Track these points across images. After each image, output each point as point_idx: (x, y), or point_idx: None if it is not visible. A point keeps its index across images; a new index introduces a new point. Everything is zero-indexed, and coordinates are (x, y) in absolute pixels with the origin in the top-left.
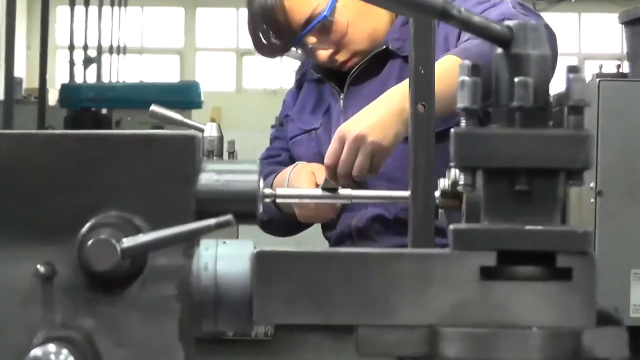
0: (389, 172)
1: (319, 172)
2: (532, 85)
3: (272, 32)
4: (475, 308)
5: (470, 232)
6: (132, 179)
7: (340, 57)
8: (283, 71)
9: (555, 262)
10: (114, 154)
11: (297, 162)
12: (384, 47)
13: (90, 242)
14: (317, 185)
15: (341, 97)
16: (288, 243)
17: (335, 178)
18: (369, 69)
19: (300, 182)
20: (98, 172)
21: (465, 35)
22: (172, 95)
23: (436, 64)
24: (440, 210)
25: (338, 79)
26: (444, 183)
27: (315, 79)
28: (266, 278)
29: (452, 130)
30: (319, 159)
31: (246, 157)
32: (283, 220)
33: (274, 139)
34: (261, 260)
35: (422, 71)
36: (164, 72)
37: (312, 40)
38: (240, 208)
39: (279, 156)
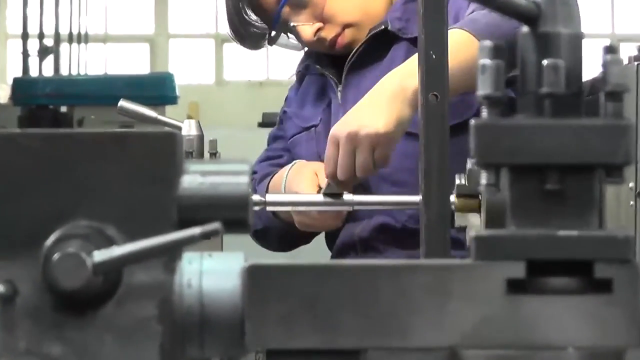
0: (393, 173)
1: (322, 173)
2: (564, 68)
3: (252, 12)
4: (501, 326)
5: (494, 240)
6: (104, 183)
7: (328, 33)
8: (270, 60)
9: (593, 272)
10: (82, 156)
11: (295, 161)
12: (383, 27)
13: (56, 256)
14: (320, 189)
15: (339, 88)
16: (281, 254)
17: (340, 185)
18: (369, 55)
19: (301, 185)
20: (64, 176)
21: (471, 7)
22: (142, 90)
23: None
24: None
25: (337, 69)
26: (459, 180)
27: (317, 72)
28: (260, 296)
29: (471, 121)
30: (319, 159)
31: (230, 158)
32: (280, 229)
33: (273, 138)
34: (254, 275)
35: (434, 56)
36: (132, 62)
37: (291, 16)
38: (229, 215)
39: (280, 157)
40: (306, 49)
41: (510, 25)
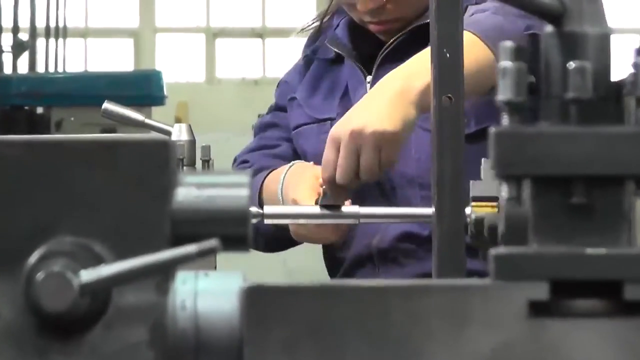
0: (421, 176)
1: None
2: (591, 71)
3: None
4: (522, 353)
5: (515, 258)
6: (91, 195)
7: (389, 13)
8: (266, 56)
9: (623, 293)
10: (68, 165)
11: (294, 162)
12: (427, 20)
13: (39, 275)
14: (319, 195)
15: (368, 80)
16: (279, 269)
17: (337, 193)
18: (404, 47)
19: (300, 191)
20: (48, 187)
21: (470, 10)
22: (126, 89)
23: None
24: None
25: (363, 59)
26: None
27: (330, 58)
28: (260, 319)
29: (491, 129)
30: None
31: (225, 166)
32: (270, 231)
33: (266, 126)
34: (253, 296)
35: (448, 54)
36: (115, 59)
37: None
38: (227, 231)
39: (276, 147)
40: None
41: (515, 28)
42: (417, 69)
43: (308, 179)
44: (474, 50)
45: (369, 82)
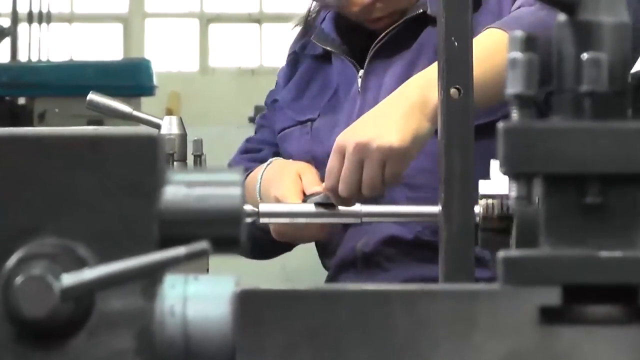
0: (408, 175)
1: (308, 175)
2: (606, 62)
3: None
4: None
5: (525, 261)
6: (74, 194)
7: (381, 10)
8: (263, 44)
9: (639, 299)
10: (49, 162)
11: (272, 159)
12: (421, 10)
13: (18, 279)
14: (304, 195)
15: (359, 75)
16: (276, 272)
17: (339, 202)
18: (399, 39)
19: (282, 189)
20: (28, 186)
21: (518, 1)
22: (114, 79)
23: (475, 40)
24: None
25: (353, 53)
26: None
27: (320, 54)
28: (254, 325)
29: (499, 124)
30: (311, 160)
31: (218, 163)
32: (256, 236)
33: (258, 127)
34: (246, 301)
35: (456, 43)
36: (102, 46)
37: None
38: (219, 232)
39: (258, 151)
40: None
41: None
42: (436, 77)
43: (290, 174)
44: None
45: (360, 77)
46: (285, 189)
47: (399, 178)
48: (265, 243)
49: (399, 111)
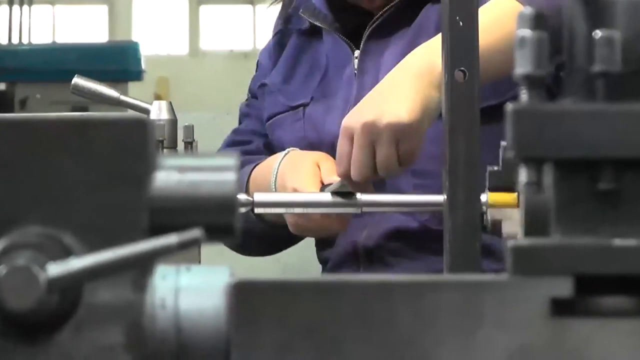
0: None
1: (326, 164)
2: (621, 41)
3: None
4: (543, 356)
5: (535, 250)
6: (60, 181)
7: None
8: (257, 25)
9: None
10: (34, 148)
11: (289, 149)
12: None
13: (2, 270)
14: (322, 185)
15: (355, 55)
16: (272, 269)
17: (356, 188)
18: (397, 17)
19: (301, 180)
20: (12, 172)
21: None
22: (99, 63)
23: (482, 8)
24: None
25: (347, 31)
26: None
27: (306, 28)
28: (250, 319)
29: (508, 106)
30: (307, 147)
31: (209, 147)
32: (262, 231)
33: (242, 116)
34: (242, 293)
35: (461, 22)
36: (87, 29)
37: None
38: (212, 220)
39: (248, 143)
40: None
41: None
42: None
43: (308, 165)
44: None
45: (356, 58)
46: (304, 180)
47: (416, 155)
48: (264, 237)
49: (405, 83)
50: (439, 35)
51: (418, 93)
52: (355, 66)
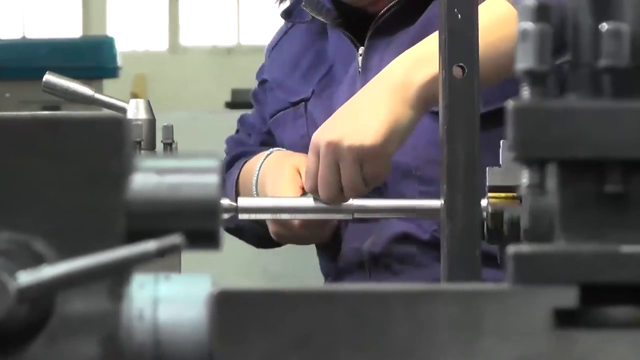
0: (418, 167)
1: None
2: (628, 34)
3: None
4: None
5: (538, 257)
6: (31, 184)
7: None
8: (241, 19)
9: None
10: (2, 148)
11: (272, 149)
12: None
13: None
14: (303, 190)
15: (360, 52)
16: (257, 277)
17: (331, 203)
18: (402, 14)
19: (279, 185)
20: None
21: None
22: (72, 59)
23: (481, 6)
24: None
25: (353, 27)
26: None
27: (308, 20)
28: (233, 331)
29: (509, 103)
30: (308, 145)
31: (190, 149)
32: (257, 230)
33: (255, 102)
34: (225, 303)
35: (459, 15)
36: (59, 23)
37: None
38: (193, 225)
39: (248, 136)
40: None
41: None
42: (425, 54)
43: (287, 170)
44: (513, 25)
45: (361, 55)
46: (283, 187)
47: (381, 178)
48: (256, 233)
49: (377, 99)
50: (422, 42)
51: (389, 113)
52: (359, 63)
